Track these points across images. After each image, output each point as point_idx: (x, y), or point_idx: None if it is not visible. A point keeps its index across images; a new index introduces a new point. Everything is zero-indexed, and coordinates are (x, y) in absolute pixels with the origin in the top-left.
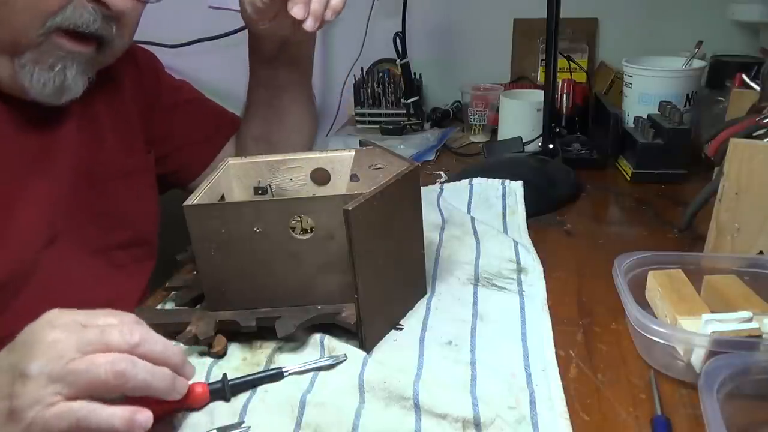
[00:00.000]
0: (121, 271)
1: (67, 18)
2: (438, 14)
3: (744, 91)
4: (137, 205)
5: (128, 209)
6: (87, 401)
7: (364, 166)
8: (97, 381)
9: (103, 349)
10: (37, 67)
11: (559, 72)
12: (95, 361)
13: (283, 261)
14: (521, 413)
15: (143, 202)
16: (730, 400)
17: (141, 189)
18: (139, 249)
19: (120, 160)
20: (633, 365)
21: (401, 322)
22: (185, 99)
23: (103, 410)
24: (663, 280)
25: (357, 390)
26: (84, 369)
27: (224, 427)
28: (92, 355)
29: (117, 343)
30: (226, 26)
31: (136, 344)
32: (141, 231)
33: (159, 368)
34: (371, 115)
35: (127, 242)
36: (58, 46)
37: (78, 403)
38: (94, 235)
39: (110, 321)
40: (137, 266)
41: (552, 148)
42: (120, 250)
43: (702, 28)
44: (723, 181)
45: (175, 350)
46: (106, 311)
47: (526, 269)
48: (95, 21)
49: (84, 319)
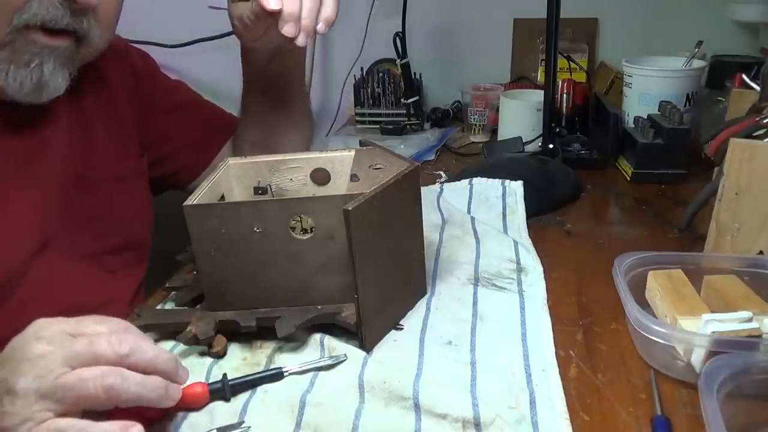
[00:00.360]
0: (112, 276)
1: (34, 14)
2: (438, 14)
3: (744, 91)
4: (129, 209)
5: (121, 214)
6: (77, 418)
7: (364, 166)
8: (87, 396)
9: (92, 361)
10: (12, 65)
11: (559, 72)
12: (83, 375)
13: (283, 261)
14: (521, 413)
15: (135, 206)
16: (730, 400)
17: (133, 193)
18: (130, 253)
19: (112, 164)
20: (633, 365)
21: (401, 322)
22: (182, 100)
23: (93, 427)
24: (663, 280)
25: (357, 390)
26: (72, 384)
27: (224, 427)
28: (80, 370)
29: (106, 354)
30: (226, 26)
31: (125, 354)
32: (133, 235)
33: (150, 378)
34: (371, 115)
35: (119, 246)
36: (32, 41)
37: (67, 421)
38: (86, 240)
39: (99, 329)
40: (129, 270)
41: (552, 148)
42: (112, 254)
43: (702, 28)
44: (723, 181)
45: (165, 357)
46: (95, 318)
47: (526, 269)
48: (64, 16)
49: (71, 328)
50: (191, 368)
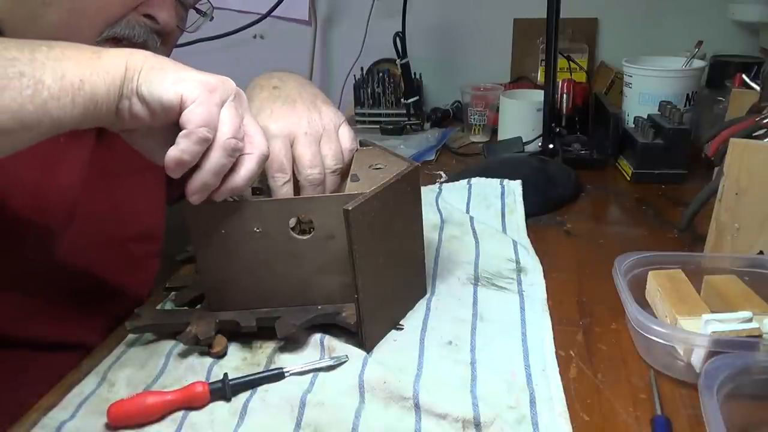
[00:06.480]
0: (135, 263)
1: (123, 28)
2: (438, 14)
3: (744, 91)
4: (151, 200)
5: (141, 205)
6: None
7: (364, 166)
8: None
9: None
10: None
11: (559, 72)
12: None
13: (283, 261)
14: (521, 413)
15: (153, 199)
16: (730, 400)
17: (151, 186)
18: (151, 244)
19: (134, 155)
20: (633, 365)
21: (401, 322)
22: None
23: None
24: (663, 280)
25: (357, 390)
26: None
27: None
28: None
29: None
30: (226, 26)
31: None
32: (153, 226)
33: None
34: (371, 115)
35: (141, 236)
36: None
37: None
38: (111, 226)
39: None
40: (149, 261)
41: (552, 148)
42: (134, 242)
43: (702, 28)
44: (723, 181)
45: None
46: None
47: (525, 269)
48: (144, 33)
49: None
50: (191, 368)
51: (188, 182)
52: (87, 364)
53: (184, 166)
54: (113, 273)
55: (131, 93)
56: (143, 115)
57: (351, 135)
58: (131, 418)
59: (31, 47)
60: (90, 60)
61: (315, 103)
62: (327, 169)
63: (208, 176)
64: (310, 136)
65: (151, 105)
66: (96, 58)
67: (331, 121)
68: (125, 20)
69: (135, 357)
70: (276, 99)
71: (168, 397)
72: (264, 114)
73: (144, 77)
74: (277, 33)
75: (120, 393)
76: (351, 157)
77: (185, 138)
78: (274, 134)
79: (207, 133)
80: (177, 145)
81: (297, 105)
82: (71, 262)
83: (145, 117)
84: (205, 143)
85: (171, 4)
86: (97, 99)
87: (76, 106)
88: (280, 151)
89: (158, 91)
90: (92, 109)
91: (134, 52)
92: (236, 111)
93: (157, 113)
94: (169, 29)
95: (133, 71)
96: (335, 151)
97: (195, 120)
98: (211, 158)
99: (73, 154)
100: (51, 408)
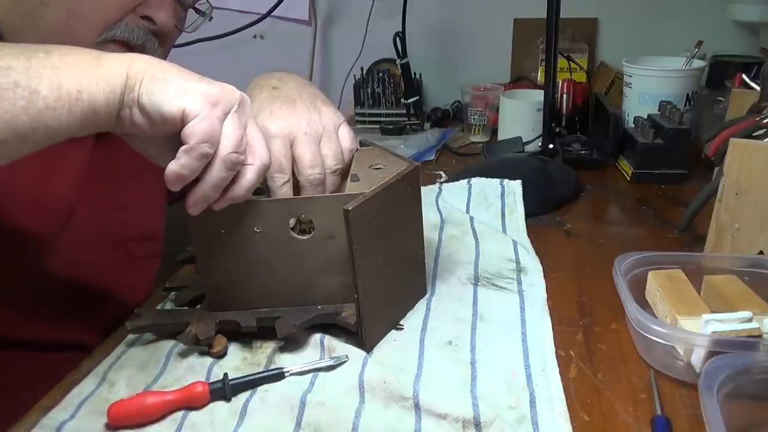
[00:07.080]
0: (137, 262)
1: (122, 30)
2: (438, 14)
3: (744, 91)
4: (152, 200)
5: (143, 205)
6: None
7: (364, 166)
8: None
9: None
10: None
11: (559, 72)
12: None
13: (283, 261)
14: (521, 413)
15: (153, 200)
16: (730, 400)
17: (151, 186)
18: (151, 243)
19: (135, 156)
20: (633, 365)
21: (401, 322)
22: None
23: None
24: (663, 280)
25: (357, 390)
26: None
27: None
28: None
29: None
30: (226, 26)
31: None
32: (154, 227)
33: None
34: (371, 115)
35: (142, 236)
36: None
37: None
38: (112, 227)
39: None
40: (150, 261)
41: (552, 148)
42: (135, 242)
43: (702, 28)
44: (723, 181)
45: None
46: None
47: (525, 269)
48: (142, 35)
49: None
50: (191, 368)
51: (188, 195)
52: (87, 364)
53: (184, 180)
54: (113, 273)
55: (132, 102)
56: (144, 125)
57: (351, 135)
58: (131, 418)
59: (28, 54)
60: (89, 67)
61: (315, 103)
62: (327, 169)
63: (208, 189)
64: (310, 137)
65: (151, 116)
66: (96, 65)
67: (330, 121)
68: (124, 22)
69: (135, 357)
70: (276, 99)
71: (168, 397)
72: (264, 114)
73: (145, 87)
74: (277, 33)
75: (120, 393)
76: (351, 157)
77: (186, 154)
78: (273, 134)
79: (208, 149)
80: (177, 159)
81: (297, 105)
82: (71, 263)
83: (146, 127)
84: (206, 159)
85: (169, 5)
86: (96, 108)
87: (72, 116)
88: (279, 151)
89: (159, 103)
90: (91, 118)
91: (136, 58)
92: (239, 122)
93: (158, 124)
94: (167, 30)
95: (134, 80)
96: (335, 151)
97: (197, 135)
98: (211, 172)
99: (71, 159)
100: (51, 408)
